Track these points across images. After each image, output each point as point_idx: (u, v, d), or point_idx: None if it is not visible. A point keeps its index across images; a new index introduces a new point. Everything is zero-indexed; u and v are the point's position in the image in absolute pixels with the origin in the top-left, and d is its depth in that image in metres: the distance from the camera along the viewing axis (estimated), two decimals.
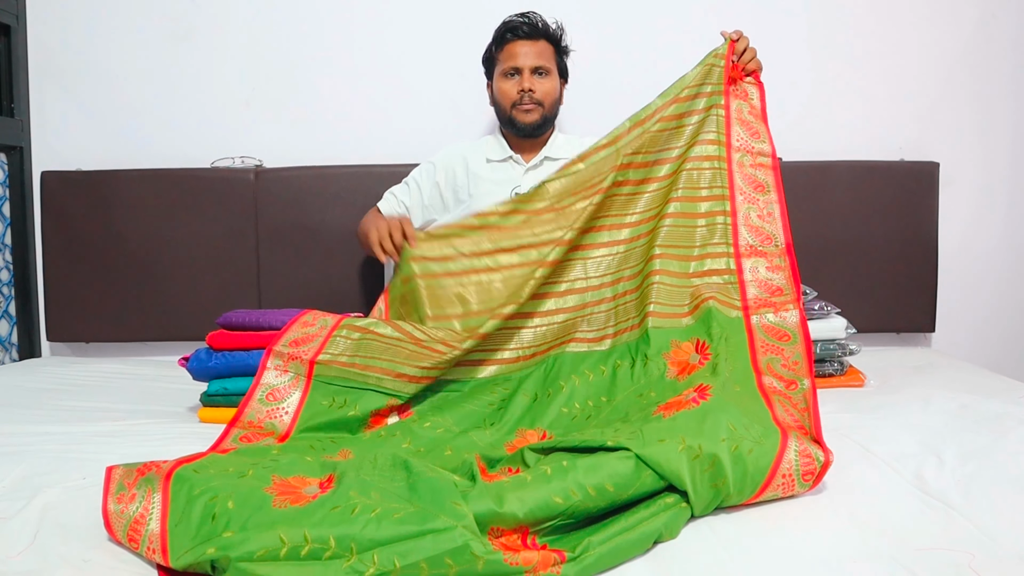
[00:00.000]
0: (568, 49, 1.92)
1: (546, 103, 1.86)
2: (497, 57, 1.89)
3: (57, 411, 1.61)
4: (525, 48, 1.84)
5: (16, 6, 2.27)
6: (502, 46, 1.87)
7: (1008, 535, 0.94)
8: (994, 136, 2.36)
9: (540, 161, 1.92)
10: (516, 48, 1.84)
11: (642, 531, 0.95)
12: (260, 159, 2.31)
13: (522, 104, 1.85)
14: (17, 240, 2.31)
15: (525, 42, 1.84)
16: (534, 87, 1.84)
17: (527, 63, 1.84)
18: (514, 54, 1.84)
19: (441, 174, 1.95)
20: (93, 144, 2.32)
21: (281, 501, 0.95)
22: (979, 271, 2.39)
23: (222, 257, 2.25)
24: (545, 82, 1.86)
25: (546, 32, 1.86)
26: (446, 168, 1.95)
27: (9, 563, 0.90)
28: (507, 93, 1.86)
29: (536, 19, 1.86)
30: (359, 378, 1.43)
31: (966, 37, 2.33)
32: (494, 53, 1.90)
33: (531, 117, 1.86)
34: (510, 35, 1.85)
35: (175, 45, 2.32)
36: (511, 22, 1.86)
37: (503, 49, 1.87)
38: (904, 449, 1.25)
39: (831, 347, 1.79)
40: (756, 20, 2.31)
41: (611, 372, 1.44)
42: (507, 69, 1.86)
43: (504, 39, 1.86)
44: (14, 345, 2.32)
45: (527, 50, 1.84)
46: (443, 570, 0.85)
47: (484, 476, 1.03)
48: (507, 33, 1.85)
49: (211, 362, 1.55)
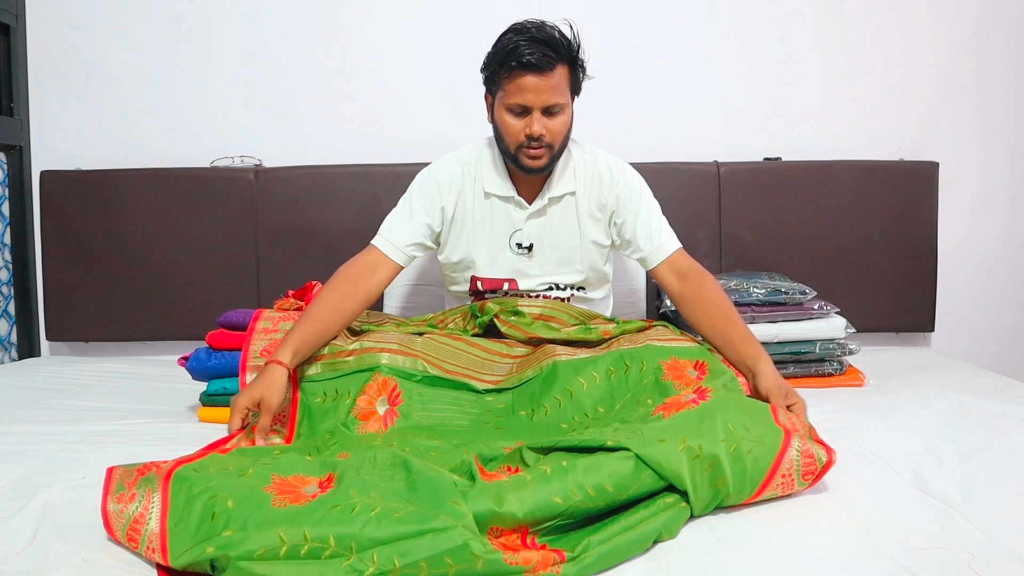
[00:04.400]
0: (584, 65, 1.57)
1: (556, 143, 1.56)
2: (500, 83, 1.53)
3: (57, 411, 1.61)
4: (536, 83, 1.48)
5: (16, 6, 2.27)
6: (507, 74, 1.50)
7: (1008, 535, 0.94)
8: (994, 136, 2.36)
9: (543, 207, 1.64)
10: (525, 83, 1.48)
11: (642, 531, 0.95)
12: (259, 159, 2.31)
13: (530, 148, 1.54)
14: (16, 239, 2.31)
15: (536, 76, 1.48)
16: (545, 130, 1.52)
17: (537, 103, 1.50)
18: (522, 89, 1.49)
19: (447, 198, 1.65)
20: (92, 143, 2.32)
21: (281, 500, 0.95)
22: (979, 271, 2.39)
23: (221, 257, 2.25)
24: (557, 121, 1.53)
25: (560, 55, 1.50)
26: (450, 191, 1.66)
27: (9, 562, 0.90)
28: (512, 132, 1.54)
29: (549, 38, 1.48)
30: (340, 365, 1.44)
31: (966, 37, 2.33)
32: (497, 76, 1.53)
33: (539, 162, 1.56)
34: (516, 64, 1.47)
35: (175, 45, 2.32)
36: (517, 47, 1.47)
37: (509, 79, 1.50)
38: (904, 449, 1.25)
39: (831, 347, 1.79)
40: (758, 20, 2.32)
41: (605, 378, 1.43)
42: (513, 105, 1.52)
43: (510, 67, 1.49)
44: (13, 345, 2.32)
45: (538, 85, 1.48)
46: (442, 569, 0.85)
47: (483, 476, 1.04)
48: (513, 61, 1.47)
49: (211, 362, 1.56)
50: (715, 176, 2.25)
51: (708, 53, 2.32)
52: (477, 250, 1.66)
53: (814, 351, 1.79)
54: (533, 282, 1.68)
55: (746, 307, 1.83)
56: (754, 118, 2.35)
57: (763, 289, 1.85)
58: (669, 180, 2.22)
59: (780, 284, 1.87)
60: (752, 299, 1.84)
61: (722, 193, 2.24)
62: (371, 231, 1.62)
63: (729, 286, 1.88)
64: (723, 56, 2.33)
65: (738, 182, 2.26)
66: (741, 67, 2.33)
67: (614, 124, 2.32)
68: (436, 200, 1.64)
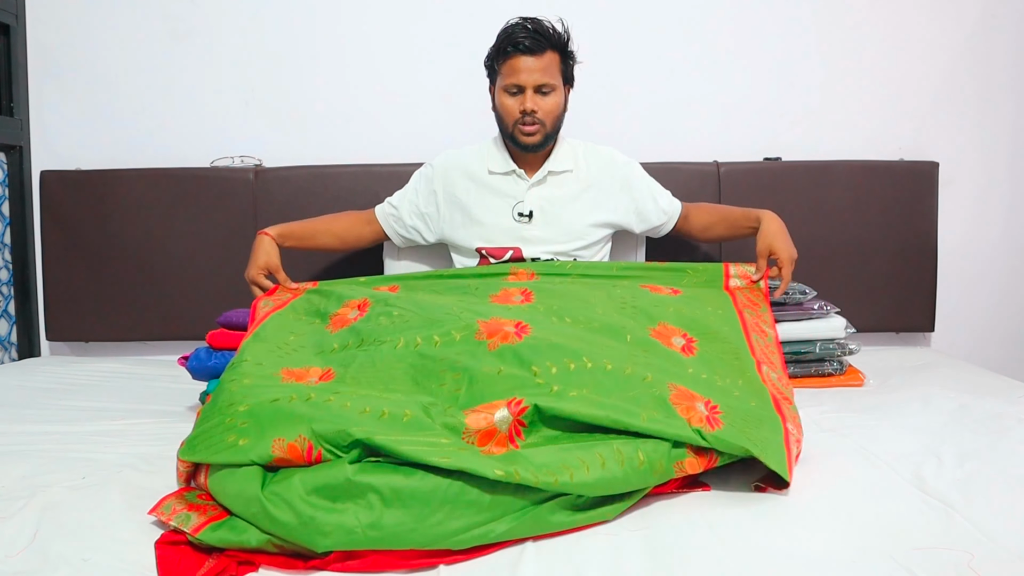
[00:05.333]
0: (575, 55, 1.79)
1: (549, 121, 1.75)
2: (498, 69, 1.76)
3: (57, 411, 1.61)
4: (528, 63, 1.71)
5: (16, 6, 2.27)
6: (504, 59, 1.73)
7: (1007, 535, 0.94)
8: (994, 136, 2.36)
9: (544, 176, 1.84)
10: (518, 63, 1.71)
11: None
12: (259, 159, 2.31)
13: (524, 124, 1.74)
14: (16, 239, 2.31)
15: (528, 57, 1.70)
16: (537, 107, 1.72)
17: (530, 81, 1.71)
18: (516, 70, 1.71)
19: (439, 181, 1.88)
20: (92, 144, 2.32)
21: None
22: (979, 271, 2.39)
23: (222, 257, 2.25)
24: (549, 100, 1.74)
25: (551, 42, 1.72)
26: (445, 175, 1.88)
27: (9, 562, 0.90)
28: (509, 110, 1.75)
29: (540, 27, 1.72)
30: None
31: (966, 37, 2.33)
32: (495, 63, 1.77)
33: (533, 139, 1.76)
34: (511, 48, 1.71)
35: (174, 45, 2.32)
36: (513, 33, 1.71)
37: (505, 62, 1.73)
38: (903, 449, 1.25)
39: (830, 346, 1.79)
40: (758, 20, 2.32)
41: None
42: (508, 85, 1.74)
43: (505, 52, 1.72)
44: (13, 344, 2.32)
45: (530, 66, 1.71)
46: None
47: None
48: (508, 46, 1.71)
49: (211, 361, 1.56)
50: (715, 176, 2.25)
51: (708, 53, 2.32)
52: (482, 220, 1.82)
53: (814, 351, 1.79)
54: (537, 249, 1.81)
55: None
56: (754, 118, 2.35)
57: None
58: (669, 180, 2.21)
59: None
60: None
61: (722, 193, 2.24)
62: None
63: None
64: (723, 56, 2.32)
65: (738, 182, 2.26)
66: (741, 67, 2.33)
67: (614, 124, 2.32)
68: (432, 183, 1.88)
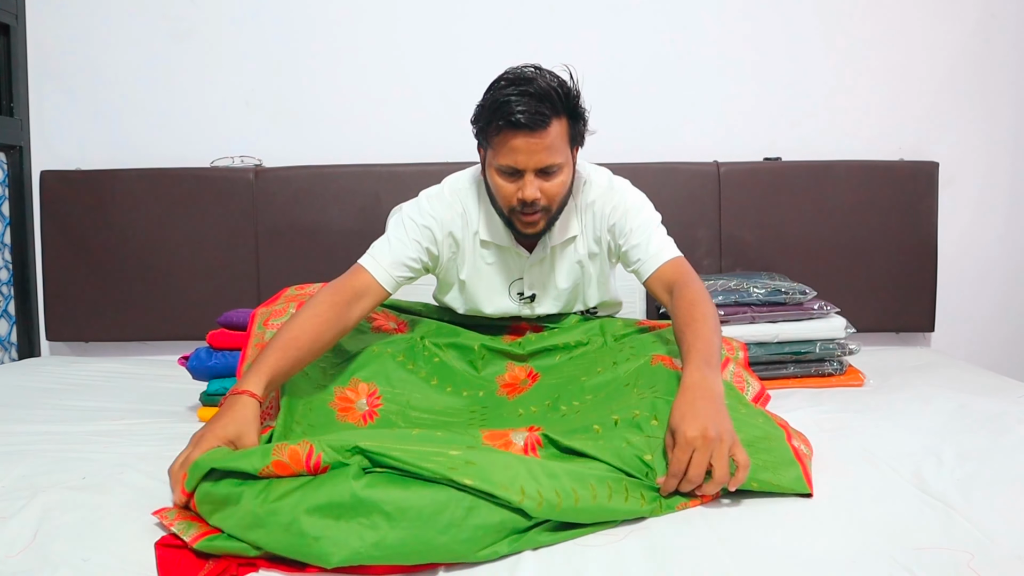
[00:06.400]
0: (586, 113, 1.37)
1: (554, 206, 1.38)
2: (489, 141, 1.34)
3: (57, 411, 1.61)
4: (528, 143, 1.29)
5: (16, 6, 2.27)
6: (497, 133, 1.31)
7: (1007, 535, 0.94)
8: (994, 136, 2.36)
9: (545, 255, 1.50)
10: (515, 142, 1.29)
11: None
12: (259, 159, 2.31)
13: (524, 214, 1.37)
14: (16, 239, 2.31)
15: (528, 136, 1.29)
16: (540, 194, 1.34)
17: (530, 164, 1.31)
18: (513, 150, 1.30)
19: (443, 244, 1.49)
20: (92, 143, 2.32)
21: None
22: (978, 271, 2.39)
23: (222, 257, 2.25)
24: (554, 182, 1.35)
25: (556, 109, 1.30)
26: (440, 243, 1.48)
27: (9, 562, 0.90)
28: (504, 196, 1.37)
29: (542, 91, 1.28)
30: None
31: (966, 37, 2.33)
32: (486, 132, 1.34)
33: (535, 229, 1.39)
34: (505, 124, 1.28)
35: (174, 45, 2.32)
36: (508, 105, 1.27)
37: (498, 138, 1.31)
38: (903, 449, 1.25)
39: (830, 347, 1.79)
40: (759, 21, 2.32)
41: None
42: (503, 166, 1.33)
43: (499, 127, 1.29)
44: (13, 344, 2.32)
45: (531, 146, 1.29)
46: None
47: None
48: (501, 119, 1.28)
49: (211, 361, 1.56)
50: (715, 176, 2.25)
51: (708, 53, 2.32)
52: (476, 296, 1.54)
53: (814, 351, 1.79)
54: (537, 313, 1.58)
55: (746, 307, 1.83)
56: (754, 118, 2.35)
57: (763, 289, 1.85)
58: (669, 180, 2.22)
59: (780, 284, 1.87)
60: (752, 299, 1.84)
61: (722, 193, 2.24)
62: (371, 231, 1.62)
63: (729, 286, 1.88)
64: (723, 56, 2.32)
65: (738, 182, 2.26)
66: (741, 67, 2.33)
67: (614, 124, 2.31)
68: (430, 241, 1.46)
